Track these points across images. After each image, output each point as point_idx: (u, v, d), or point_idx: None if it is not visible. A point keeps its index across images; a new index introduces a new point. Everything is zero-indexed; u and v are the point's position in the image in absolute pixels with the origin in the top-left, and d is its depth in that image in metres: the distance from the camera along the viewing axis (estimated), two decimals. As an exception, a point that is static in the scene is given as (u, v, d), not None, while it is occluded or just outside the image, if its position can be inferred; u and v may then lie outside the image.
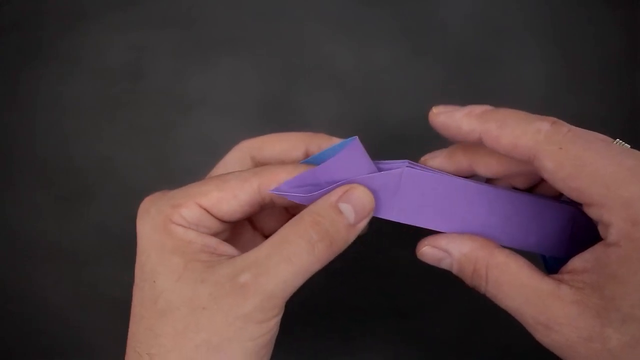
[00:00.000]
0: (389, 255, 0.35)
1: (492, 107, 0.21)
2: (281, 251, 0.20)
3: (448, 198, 0.22)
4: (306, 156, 0.25)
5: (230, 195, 0.21)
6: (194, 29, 0.38)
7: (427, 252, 0.22)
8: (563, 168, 0.18)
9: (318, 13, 0.38)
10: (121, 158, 0.37)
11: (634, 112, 0.36)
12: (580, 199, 0.18)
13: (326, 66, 0.37)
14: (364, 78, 0.37)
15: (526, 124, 0.19)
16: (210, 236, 0.22)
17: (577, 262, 0.19)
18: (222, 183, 0.22)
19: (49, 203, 0.37)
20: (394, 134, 0.37)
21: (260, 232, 0.26)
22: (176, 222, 0.21)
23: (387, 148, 0.36)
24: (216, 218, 0.22)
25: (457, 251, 0.21)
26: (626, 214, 0.17)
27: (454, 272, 0.22)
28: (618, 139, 0.20)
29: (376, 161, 0.22)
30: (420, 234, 0.23)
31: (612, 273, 0.17)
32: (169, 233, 0.21)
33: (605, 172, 0.18)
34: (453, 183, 0.22)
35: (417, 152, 0.24)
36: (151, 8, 0.38)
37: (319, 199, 0.21)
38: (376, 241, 0.34)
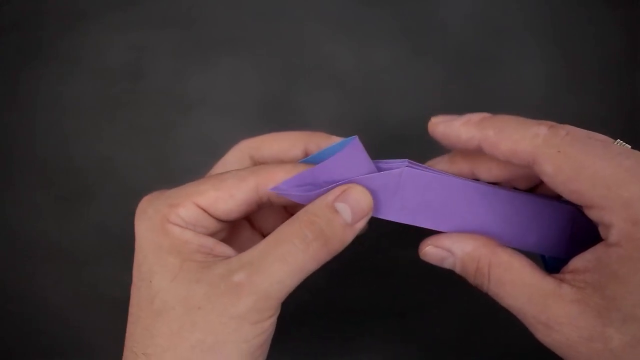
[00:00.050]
0: (388, 255, 0.35)
1: (490, 114, 0.21)
2: (276, 250, 0.20)
3: (448, 198, 0.22)
4: (305, 155, 0.25)
5: (227, 194, 0.21)
6: (194, 29, 0.38)
7: (430, 252, 0.22)
8: (562, 171, 0.18)
9: (318, 13, 0.38)
10: (121, 158, 0.37)
11: (634, 112, 0.36)
12: (580, 202, 0.18)
13: (326, 66, 0.37)
14: (364, 78, 0.37)
15: (524, 129, 0.19)
16: (207, 236, 0.22)
17: (578, 262, 0.19)
18: (219, 182, 0.22)
19: (49, 203, 0.37)
20: (394, 134, 0.37)
21: (259, 232, 0.26)
22: (173, 222, 0.21)
23: (387, 148, 0.36)
24: (213, 217, 0.22)
25: (460, 250, 0.21)
26: (626, 214, 0.17)
27: (457, 271, 0.22)
28: (619, 140, 0.20)
29: (376, 160, 0.22)
30: (419, 234, 0.23)
31: (614, 273, 0.17)
32: (166, 233, 0.21)
33: (604, 174, 0.18)
34: (453, 183, 0.22)
35: (417, 152, 0.24)
36: (151, 8, 0.38)
37: (316, 199, 0.21)
38: (375, 241, 0.34)
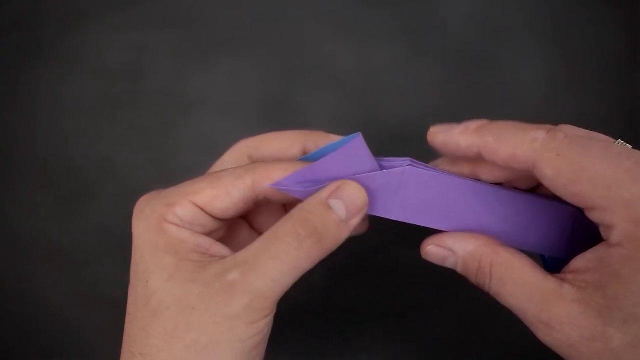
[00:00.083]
0: (389, 255, 0.35)
1: (488, 121, 0.21)
2: (270, 249, 0.20)
3: (450, 197, 0.22)
4: (304, 154, 0.25)
5: (223, 192, 0.21)
6: (194, 29, 0.38)
7: (432, 251, 0.22)
8: (562, 174, 0.18)
9: (318, 13, 0.38)
10: (121, 158, 0.37)
11: (634, 112, 0.36)
12: (581, 204, 0.18)
13: (326, 66, 0.37)
14: (364, 78, 0.37)
15: (522, 134, 0.19)
16: (203, 236, 0.22)
17: (580, 262, 0.19)
18: (216, 181, 0.22)
19: (49, 203, 0.37)
20: (394, 134, 0.37)
21: (258, 233, 0.26)
22: (170, 221, 0.21)
23: (387, 148, 0.36)
24: (210, 216, 0.22)
25: (462, 249, 0.21)
26: (628, 215, 0.17)
27: (459, 271, 0.22)
28: (620, 140, 0.20)
29: (378, 158, 0.22)
30: (420, 234, 0.23)
31: (615, 273, 0.17)
32: (163, 232, 0.21)
33: (604, 175, 0.18)
34: (455, 183, 0.22)
35: (417, 152, 0.24)
36: (151, 8, 0.38)
37: (311, 196, 0.21)
38: (376, 241, 0.34)
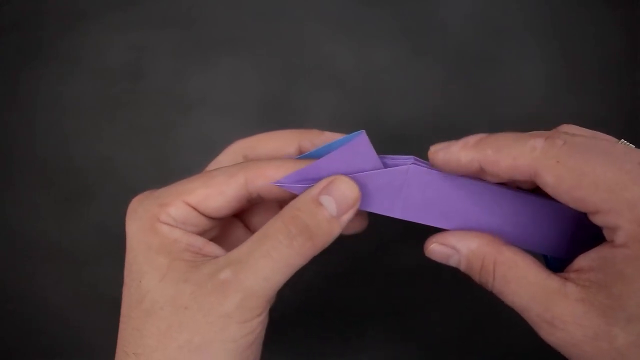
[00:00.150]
0: (389, 254, 0.35)
1: (486, 134, 0.21)
2: (261, 247, 0.20)
3: (453, 196, 0.22)
4: (299, 152, 0.25)
5: (216, 191, 0.21)
6: (194, 29, 0.38)
7: (435, 250, 0.22)
8: (563, 181, 0.18)
9: (318, 13, 0.38)
10: (121, 158, 0.37)
11: (634, 112, 0.36)
12: (584, 208, 0.18)
13: (326, 66, 0.37)
14: (364, 78, 0.37)
15: (521, 144, 0.19)
16: (196, 235, 0.22)
17: (583, 261, 0.19)
18: (209, 179, 0.22)
19: (49, 203, 0.37)
20: (394, 134, 0.37)
21: (252, 232, 0.26)
22: (163, 221, 0.21)
23: (387, 148, 0.36)
24: (204, 215, 0.22)
25: (466, 248, 0.21)
26: (632, 216, 0.17)
27: (462, 269, 0.22)
28: (623, 140, 0.20)
29: (382, 156, 0.22)
30: (421, 232, 0.23)
31: (619, 272, 0.17)
32: (156, 232, 0.21)
33: (605, 178, 0.17)
34: (458, 181, 0.22)
35: (417, 152, 0.24)
36: (151, 8, 0.38)
37: (302, 193, 0.21)
38: (375, 240, 0.34)
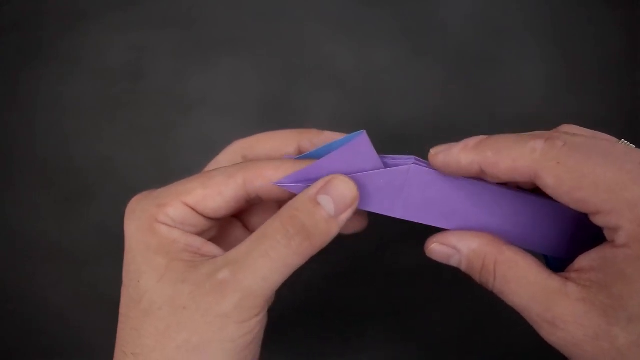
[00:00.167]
0: (389, 254, 0.35)
1: (486, 136, 0.21)
2: (259, 247, 0.20)
3: (453, 196, 0.22)
4: (299, 152, 0.25)
5: (215, 192, 0.21)
6: (194, 29, 0.38)
7: (436, 250, 0.22)
8: (564, 182, 0.18)
9: (318, 13, 0.38)
10: (121, 158, 0.37)
11: (634, 112, 0.36)
12: (585, 209, 0.18)
13: (326, 66, 0.37)
14: (364, 78, 0.37)
15: (521, 146, 0.19)
16: (194, 236, 0.22)
17: (584, 261, 0.19)
18: (207, 180, 0.22)
19: (49, 203, 0.37)
20: (394, 134, 0.37)
21: (251, 232, 0.26)
22: (161, 222, 0.21)
23: (387, 148, 0.36)
24: (202, 215, 0.22)
25: (466, 247, 0.21)
26: (633, 216, 0.17)
27: (463, 269, 0.22)
28: (623, 140, 0.20)
29: (382, 155, 0.22)
30: (421, 232, 0.23)
31: (620, 272, 0.17)
32: (154, 232, 0.21)
33: (605, 179, 0.17)
34: (459, 181, 0.22)
35: (417, 152, 0.24)
36: (151, 8, 0.38)
37: (300, 193, 0.21)
38: (375, 240, 0.34)
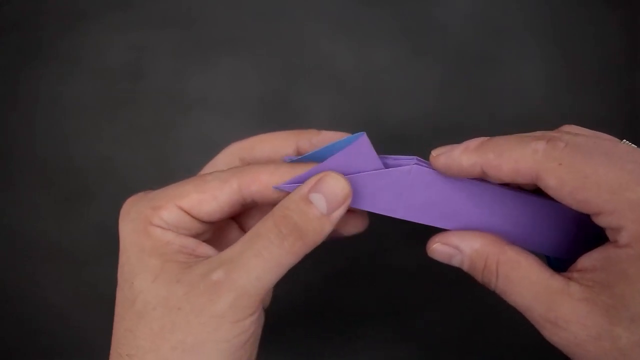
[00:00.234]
0: (389, 254, 0.35)
1: (487, 138, 0.20)
2: (252, 247, 0.20)
3: (455, 196, 0.22)
4: (297, 153, 0.25)
5: (210, 196, 0.21)
6: (194, 29, 0.38)
7: (438, 250, 0.22)
8: (566, 183, 0.18)
9: (318, 13, 0.38)
10: (121, 158, 0.37)
11: (634, 112, 0.36)
12: (587, 210, 0.18)
13: (326, 66, 0.37)
14: (364, 78, 0.37)
15: (523, 147, 0.19)
16: (189, 237, 0.22)
17: (586, 261, 0.19)
18: (202, 184, 0.22)
19: (49, 203, 0.37)
20: (394, 134, 0.37)
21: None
22: (155, 224, 0.21)
23: (387, 148, 0.36)
24: (196, 219, 0.22)
25: (469, 247, 0.21)
26: (635, 216, 0.17)
27: (465, 269, 0.22)
28: (625, 140, 0.20)
29: (384, 156, 0.22)
30: (422, 233, 0.23)
31: (623, 272, 0.17)
32: (148, 235, 0.21)
33: (607, 179, 0.17)
34: (460, 182, 0.22)
35: (417, 152, 0.24)
36: (151, 8, 0.38)
37: (292, 191, 0.21)
38: (375, 240, 0.34)
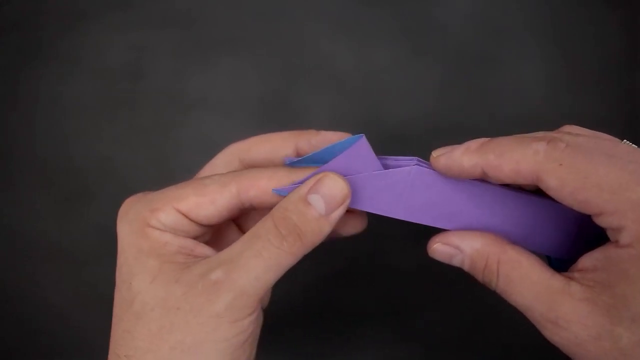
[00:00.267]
0: (389, 253, 0.35)
1: (488, 139, 0.20)
2: (251, 247, 0.20)
3: (455, 197, 0.22)
4: (297, 154, 0.25)
5: (208, 200, 0.21)
6: (194, 29, 0.38)
7: (439, 249, 0.22)
8: (567, 183, 0.18)
9: (318, 13, 0.38)
10: (121, 158, 0.37)
11: (634, 112, 0.36)
12: (588, 210, 0.18)
13: (326, 66, 0.37)
14: (364, 78, 0.37)
15: (523, 148, 0.19)
16: (187, 238, 0.22)
17: (587, 261, 0.19)
18: (201, 187, 0.22)
19: (49, 203, 0.37)
20: (394, 134, 0.37)
21: None
22: (153, 226, 0.21)
23: (387, 148, 0.36)
24: (194, 222, 0.22)
25: (469, 247, 0.21)
26: (636, 216, 0.17)
27: (466, 269, 0.22)
28: (625, 140, 0.20)
29: (384, 157, 0.22)
30: (422, 233, 0.23)
31: (624, 272, 0.17)
32: (146, 236, 0.21)
33: (608, 179, 0.17)
34: (461, 182, 0.22)
35: (417, 152, 0.24)
36: (151, 8, 0.38)
37: (291, 192, 0.21)
38: (375, 240, 0.34)
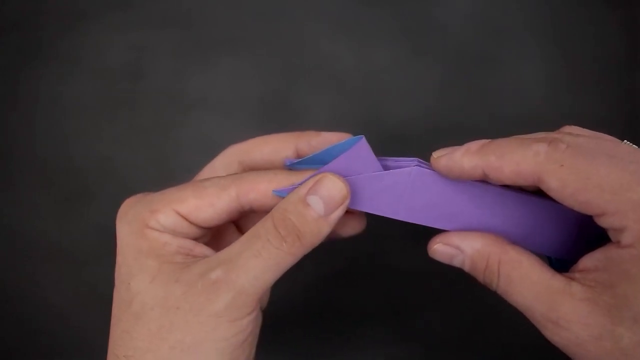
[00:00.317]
0: (389, 254, 0.35)
1: (488, 140, 0.20)
2: (251, 247, 0.20)
3: (456, 198, 0.22)
4: (297, 155, 0.25)
5: (207, 203, 0.21)
6: (194, 29, 0.38)
7: (439, 250, 0.22)
8: (568, 184, 0.18)
9: (318, 13, 0.38)
10: (121, 158, 0.37)
11: (634, 112, 0.36)
12: (590, 211, 0.18)
13: (326, 66, 0.37)
14: (364, 78, 0.37)
15: (524, 149, 0.19)
16: (186, 238, 0.22)
17: (588, 261, 0.19)
18: (201, 190, 0.22)
19: (49, 203, 0.37)
20: (394, 134, 0.37)
21: None
22: (152, 227, 0.21)
23: (387, 148, 0.36)
24: (193, 224, 0.22)
25: (470, 248, 0.21)
26: (637, 216, 0.17)
27: (466, 269, 0.22)
28: (626, 140, 0.20)
29: (385, 158, 0.22)
30: (422, 233, 0.23)
31: (625, 272, 0.17)
32: (145, 237, 0.21)
33: (609, 180, 0.17)
34: (461, 183, 0.22)
35: (417, 152, 0.24)
36: (151, 8, 0.38)
37: (290, 193, 0.21)
38: (375, 241, 0.34)
